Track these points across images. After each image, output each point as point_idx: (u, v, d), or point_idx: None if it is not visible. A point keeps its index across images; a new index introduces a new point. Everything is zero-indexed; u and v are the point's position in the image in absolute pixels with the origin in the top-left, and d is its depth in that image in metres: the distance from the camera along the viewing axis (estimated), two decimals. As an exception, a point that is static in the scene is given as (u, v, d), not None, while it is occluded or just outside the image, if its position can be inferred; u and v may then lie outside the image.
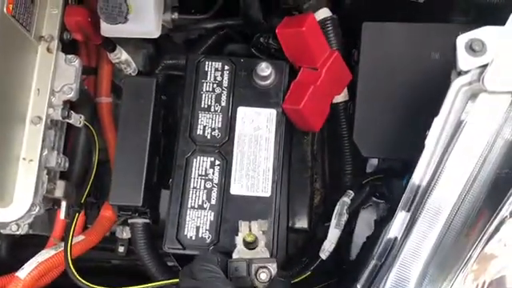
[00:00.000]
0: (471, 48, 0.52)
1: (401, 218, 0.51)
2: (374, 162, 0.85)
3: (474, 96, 0.52)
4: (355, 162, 0.82)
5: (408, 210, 0.51)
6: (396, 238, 0.51)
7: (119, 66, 0.90)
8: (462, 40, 0.53)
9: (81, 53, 0.89)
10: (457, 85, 0.53)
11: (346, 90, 0.82)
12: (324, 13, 0.81)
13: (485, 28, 0.53)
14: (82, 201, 0.86)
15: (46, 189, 0.79)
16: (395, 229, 0.51)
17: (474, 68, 0.52)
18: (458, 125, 0.52)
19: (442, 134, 0.52)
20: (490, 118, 0.51)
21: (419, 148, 0.65)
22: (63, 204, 0.85)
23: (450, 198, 0.50)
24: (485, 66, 0.52)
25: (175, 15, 0.87)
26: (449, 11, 0.76)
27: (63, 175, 0.85)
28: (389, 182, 0.77)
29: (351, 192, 0.77)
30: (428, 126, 0.71)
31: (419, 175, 0.51)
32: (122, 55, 0.88)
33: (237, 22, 0.92)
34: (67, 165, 0.84)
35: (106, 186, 0.94)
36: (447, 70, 0.73)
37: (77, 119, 0.83)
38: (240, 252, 0.63)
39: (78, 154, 0.89)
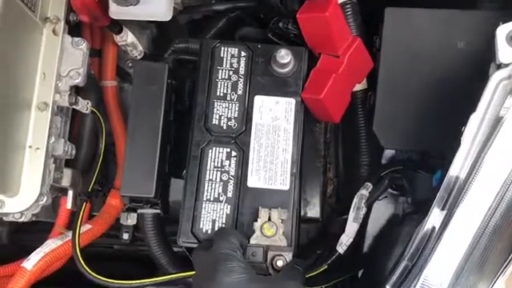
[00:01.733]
0: (512, 39, 0.50)
1: (435, 216, 0.49)
2: (389, 153, 0.83)
3: (514, 91, 0.50)
4: (372, 152, 0.80)
5: (443, 209, 0.49)
6: (430, 238, 0.49)
7: (125, 49, 0.86)
8: (502, 31, 0.51)
9: (84, 34, 0.86)
10: (496, 78, 0.50)
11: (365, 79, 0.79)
12: (345, -4, 0.77)
13: (527, 19, 0.50)
14: (90, 189, 0.84)
15: (52, 178, 0.76)
16: (428, 228, 0.49)
17: (516, 61, 0.49)
18: (497, 121, 0.49)
19: (480, 131, 0.49)
20: (532, 114, 0.48)
21: (445, 141, 0.64)
22: (70, 193, 0.82)
23: (487, 196, 0.48)
24: (526, 59, 0.49)
25: (186, -3, 0.83)
26: (475, -2, 0.73)
27: (69, 163, 0.82)
28: (409, 175, 0.74)
29: (369, 184, 0.75)
30: (453, 119, 0.69)
31: (455, 172, 0.49)
32: (128, 37, 0.84)
33: (250, 4, 0.89)
34: (74, 152, 0.81)
35: (111, 172, 0.92)
36: (473, 59, 0.71)
37: (84, 105, 0.80)
38: (258, 238, 0.63)
39: (84, 141, 0.86)
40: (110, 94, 0.90)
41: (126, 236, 0.90)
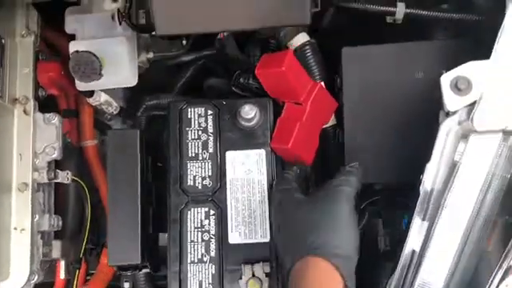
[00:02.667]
0: (456, 87, 0.51)
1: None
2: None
3: (464, 136, 0.51)
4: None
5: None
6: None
7: (100, 107, 0.88)
8: (446, 79, 0.52)
9: (59, 97, 0.87)
10: (446, 126, 0.52)
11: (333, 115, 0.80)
12: (302, 37, 0.79)
13: (468, 64, 0.52)
14: (81, 255, 0.85)
15: (42, 254, 0.78)
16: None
17: (462, 107, 0.51)
18: (452, 167, 0.51)
19: (437, 179, 0.51)
20: (484, 158, 0.50)
21: (415, 172, 0.65)
22: (62, 263, 0.84)
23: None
24: (472, 104, 0.51)
25: (150, 54, 0.85)
26: (427, 29, 0.75)
27: (57, 233, 0.84)
28: (388, 205, 0.76)
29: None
30: (420, 148, 0.71)
31: (409, 249, 0.50)
32: (101, 98, 0.86)
33: (213, 53, 0.90)
34: (61, 223, 0.83)
35: (102, 228, 0.93)
36: (433, 88, 0.72)
37: (64, 177, 0.82)
38: None
39: (70, 208, 0.88)
40: (91, 153, 0.91)
41: (127, 285, 0.91)
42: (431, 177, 0.51)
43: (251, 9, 0.62)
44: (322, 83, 0.79)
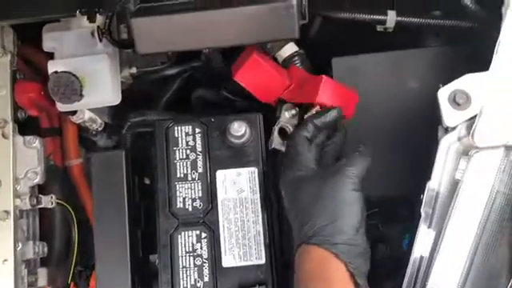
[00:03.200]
0: (455, 101, 0.49)
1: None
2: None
3: (465, 152, 0.49)
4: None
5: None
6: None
7: (84, 125, 0.85)
8: (443, 93, 0.50)
9: (40, 115, 0.83)
10: (446, 143, 0.50)
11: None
12: (290, 48, 0.76)
13: (466, 77, 0.50)
14: (69, 281, 0.82)
15: (27, 283, 0.74)
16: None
17: (461, 122, 0.49)
18: (454, 185, 0.48)
19: (438, 199, 0.48)
20: (486, 175, 0.47)
21: (411, 184, 0.63)
22: (48, 291, 0.80)
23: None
24: (472, 118, 0.48)
25: (133, 70, 0.82)
26: (419, 36, 0.73)
27: (43, 259, 0.80)
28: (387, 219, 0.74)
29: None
30: (415, 160, 0.69)
31: (416, 256, 0.48)
32: (84, 115, 0.82)
33: (201, 64, 0.87)
34: (46, 249, 0.79)
35: (90, 249, 0.90)
36: (427, 97, 0.70)
37: (48, 201, 0.78)
38: None
39: (55, 233, 0.84)
40: (77, 173, 0.88)
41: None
42: (432, 196, 0.49)
43: (237, 25, 0.59)
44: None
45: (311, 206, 0.56)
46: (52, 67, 0.72)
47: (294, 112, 0.70)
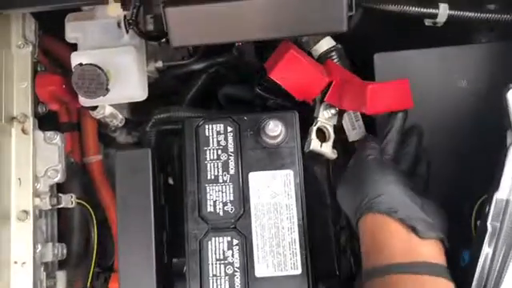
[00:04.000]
0: (528, 103, 0.44)
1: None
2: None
3: (538, 160, 0.44)
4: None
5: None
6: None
7: (104, 121, 0.81)
8: (514, 94, 0.45)
9: (59, 110, 0.79)
10: (517, 150, 0.44)
11: (362, 125, 0.73)
12: (327, 43, 0.72)
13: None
14: (88, 285, 0.78)
15: (45, 287, 0.70)
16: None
17: (535, 127, 0.44)
18: (526, 199, 0.43)
19: (507, 211, 0.43)
20: None
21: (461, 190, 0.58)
22: (67, 295, 0.76)
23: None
24: (547, 123, 0.43)
25: (159, 63, 0.77)
26: (470, 31, 0.67)
27: (61, 261, 0.76)
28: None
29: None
30: (465, 165, 0.64)
31: (482, 275, 0.43)
32: (105, 110, 0.78)
33: (229, 59, 0.83)
34: (65, 251, 0.75)
35: (108, 249, 0.87)
36: (478, 98, 0.65)
37: (68, 201, 0.74)
38: None
39: (74, 234, 0.80)
40: (96, 169, 0.84)
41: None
42: (501, 208, 0.44)
43: (279, 16, 0.54)
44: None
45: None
46: (76, 59, 0.67)
47: (333, 111, 0.66)
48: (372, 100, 0.59)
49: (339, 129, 0.74)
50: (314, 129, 0.65)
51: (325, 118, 0.65)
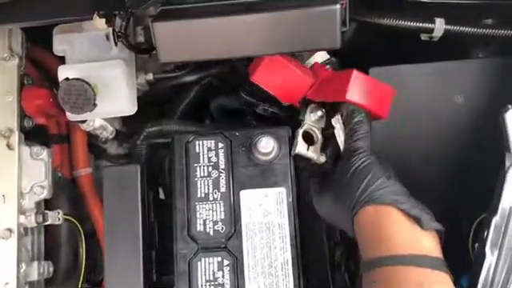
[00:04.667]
0: (527, 125, 0.42)
1: None
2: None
3: (538, 184, 0.42)
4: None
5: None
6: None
7: (94, 133, 0.79)
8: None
9: (48, 122, 0.77)
10: (515, 173, 0.43)
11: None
12: (321, 56, 0.70)
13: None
14: (76, 303, 0.76)
15: (31, 307, 0.68)
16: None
17: (535, 150, 0.42)
18: (525, 224, 0.42)
19: (505, 238, 0.42)
20: None
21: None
22: (54, 314, 0.74)
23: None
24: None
25: (149, 76, 0.76)
26: (466, 46, 0.66)
27: (47, 280, 0.74)
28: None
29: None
30: (461, 181, 0.62)
31: None
32: (95, 122, 0.77)
33: (222, 71, 0.81)
34: (51, 269, 0.73)
35: (97, 264, 0.84)
36: (475, 114, 0.64)
37: (55, 217, 0.72)
38: None
39: (62, 250, 0.77)
40: (85, 183, 0.82)
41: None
42: (498, 234, 0.42)
43: (270, 32, 0.53)
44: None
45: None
46: (63, 73, 0.66)
47: (320, 114, 0.63)
48: (354, 86, 0.57)
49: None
50: (300, 131, 0.62)
51: (311, 120, 0.63)
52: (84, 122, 0.74)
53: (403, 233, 0.51)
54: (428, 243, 0.50)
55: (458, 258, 0.57)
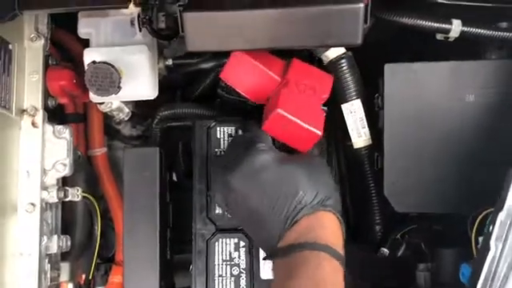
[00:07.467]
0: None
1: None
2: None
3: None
4: (384, 211, 0.76)
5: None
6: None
7: (110, 114, 0.81)
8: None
9: (66, 100, 0.80)
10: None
11: (368, 133, 0.74)
12: (337, 50, 0.72)
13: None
14: (90, 277, 0.79)
15: (50, 279, 0.71)
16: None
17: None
18: (530, 219, 0.45)
19: (510, 234, 0.45)
20: None
21: (463, 202, 0.59)
22: (70, 287, 0.77)
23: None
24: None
25: (169, 61, 0.78)
26: (479, 47, 0.69)
27: (64, 253, 0.77)
28: (427, 237, 0.70)
29: (385, 250, 0.71)
30: (470, 177, 0.65)
31: None
32: (113, 104, 0.79)
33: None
34: (69, 243, 0.76)
35: (109, 241, 0.88)
36: (485, 113, 0.66)
37: (74, 194, 0.75)
38: None
39: (78, 226, 0.81)
40: (100, 162, 0.85)
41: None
42: (503, 230, 0.46)
43: (294, 26, 0.55)
44: (359, 101, 0.73)
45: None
46: (88, 56, 0.68)
47: None
48: (272, 121, 0.60)
49: (343, 135, 0.76)
50: None
51: None
52: (102, 103, 0.76)
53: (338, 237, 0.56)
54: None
55: (462, 248, 0.60)
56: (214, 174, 0.63)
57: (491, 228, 0.46)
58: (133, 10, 0.60)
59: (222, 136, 0.67)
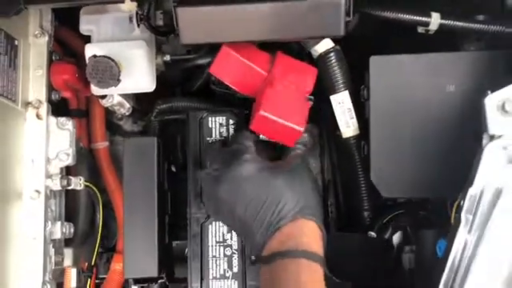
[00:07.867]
0: (504, 109, 0.49)
1: None
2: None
3: (510, 161, 0.49)
4: (372, 196, 0.79)
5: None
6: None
7: (112, 109, 0.85)
8: (492, 101, 0.50)
9: (71, 97, 0.84)
10: (490, 151, 0.49)
11: (355, 123, 0.77)
12: (326, 44, 0.76)
13: (518, 85, 0.50)
14: (93, 264, 0.83)
15: (54, 263, 0.75)
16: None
17: (509, 130, 0.49)
18: (496, 195, 0.48)
19: (479, 206, 0.48)
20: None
21: (446, 186, 0.63)
22: (73, 272, 0.81)
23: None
24: (520, 127, 0.48)
25: (166, 57, 0.82)
26: (458, 39, 0.72)
27: (67, 240, 0.81)
28: (413, 221, 0.74)
29: (372, 233, 0.75)
30: (451, 162, 0.68)
31: (454, 262, 0.48)
32: (114, 99, 0.83)
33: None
34: (72, 230, 0.80)
35: (111, 231, 0.91)
36: (464, 101, 0.70)
37: (77, 183, 0.79)
38: None
39: (80, 214, 0.85)
40: (102, 155, 0.88)
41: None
42: (473, 203, 0.49)
43: (280, 20, 0.59)
44: (347, 92, 0.76)
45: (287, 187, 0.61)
46: (89, 50, 0.72)
47: None
48: (257, 123, 0.64)
49: (334, 126, 0.79)
50: None
51: None
52: (104, 97, 0.80)
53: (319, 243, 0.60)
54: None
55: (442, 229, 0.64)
56: (204, 185, 0.67)
57: (462, 202, 0.50)
58: (129, 4, 0.64)
59: (213, 125, 0.71)
